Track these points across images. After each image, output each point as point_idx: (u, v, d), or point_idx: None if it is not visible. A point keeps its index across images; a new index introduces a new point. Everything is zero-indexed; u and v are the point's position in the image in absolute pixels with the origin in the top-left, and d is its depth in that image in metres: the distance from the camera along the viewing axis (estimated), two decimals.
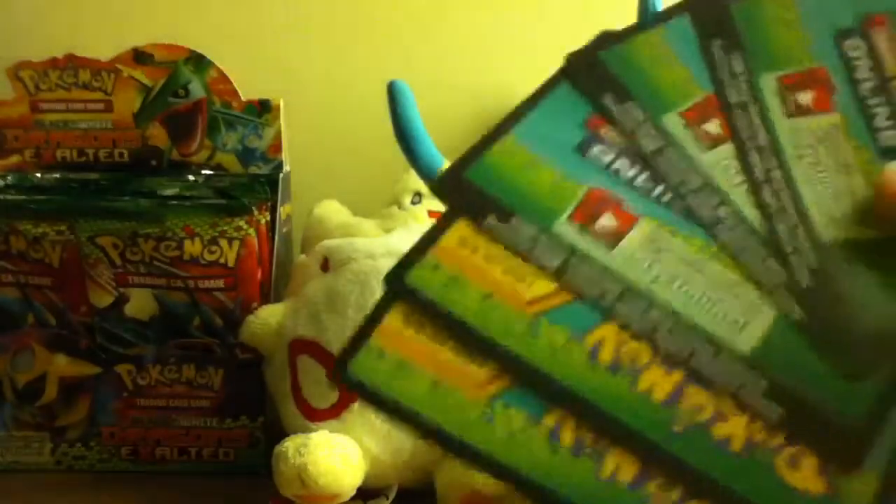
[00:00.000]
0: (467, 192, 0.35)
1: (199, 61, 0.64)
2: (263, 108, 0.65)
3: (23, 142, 0.65)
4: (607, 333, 0.33)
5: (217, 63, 0.64)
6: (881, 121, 0.34)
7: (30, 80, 0.64)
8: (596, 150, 0.35)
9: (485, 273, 0.34)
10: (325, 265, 0.59)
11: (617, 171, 0.35)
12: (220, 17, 0.70)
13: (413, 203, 0.62)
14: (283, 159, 0.65)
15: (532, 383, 0.33)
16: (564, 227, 0.34)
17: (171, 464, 0.64)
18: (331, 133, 0.72)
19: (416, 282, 0.34)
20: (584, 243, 0.34)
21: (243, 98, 0.64)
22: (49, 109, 0.65)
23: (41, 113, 0.65)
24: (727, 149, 0.35)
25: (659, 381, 0.33)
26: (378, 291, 0.55)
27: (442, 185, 0.36)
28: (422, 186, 0.60)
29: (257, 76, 0.69)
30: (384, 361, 0.34)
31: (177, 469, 0.64)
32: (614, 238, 0.34)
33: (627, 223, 0.35)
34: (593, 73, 0.36)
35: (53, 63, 0.64)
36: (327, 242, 0.60)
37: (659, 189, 0.35)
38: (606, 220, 0.35)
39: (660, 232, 0.34)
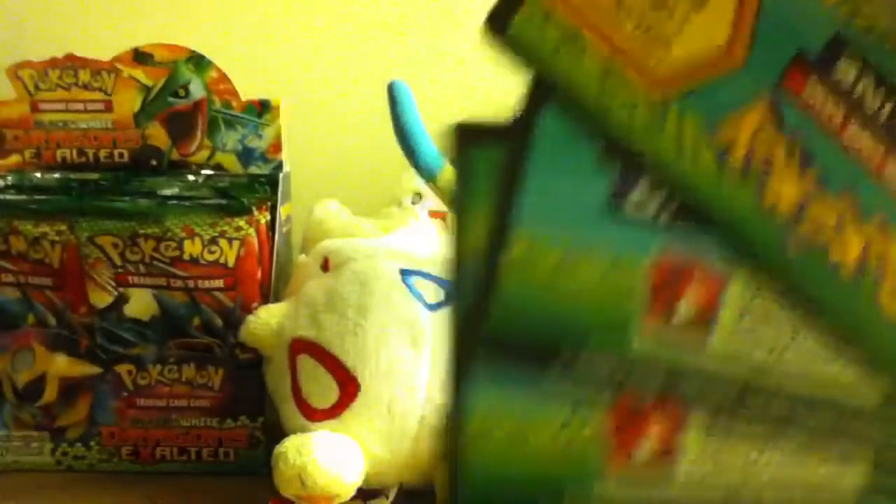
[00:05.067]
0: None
1: (199, 61, 0.64)
2: (263, 108, 0.65)
3: (23, 142, 0.65)
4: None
5: (217, 63, 0.64)
6: None
7: (30, 80, 0.64)
8: (635, 196, 0.29)
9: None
10: (325, 265, 0.59)
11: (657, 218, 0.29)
12: (220, 17, 0.70)
13: (413, 203, 0.62)
14: (283, 159, 0.65)
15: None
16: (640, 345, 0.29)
17: (171, 464, 0.64)
18: (331, 133, 0.72)
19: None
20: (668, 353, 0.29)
21: (243, 98, 0.64)
22: (49, 109, 0.65)
23: (41, 113, 0.65)
24: None
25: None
26: (378, 292, 0.56)
27: None
28: (422, 186, 0.60)
29: (257, 76, 0.69)
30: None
31: (177, 469, 0.64)
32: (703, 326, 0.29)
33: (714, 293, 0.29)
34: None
35: (53, 63, 0.64)
36: (327, 242, 0.60)
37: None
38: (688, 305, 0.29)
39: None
